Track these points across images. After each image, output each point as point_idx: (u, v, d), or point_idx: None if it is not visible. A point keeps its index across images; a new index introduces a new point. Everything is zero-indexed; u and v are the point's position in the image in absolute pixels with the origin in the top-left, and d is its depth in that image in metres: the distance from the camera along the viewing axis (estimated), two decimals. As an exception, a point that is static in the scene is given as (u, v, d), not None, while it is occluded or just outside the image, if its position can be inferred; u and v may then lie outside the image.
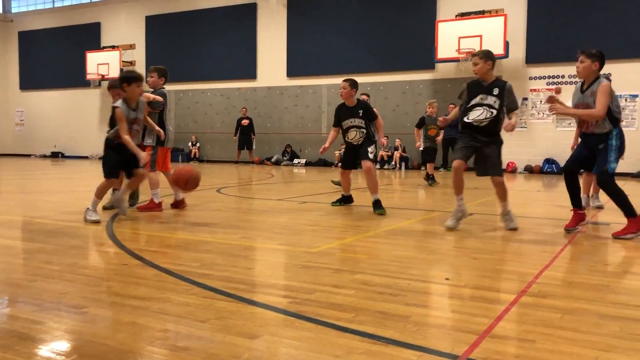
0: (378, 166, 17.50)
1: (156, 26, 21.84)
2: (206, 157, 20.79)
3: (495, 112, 5.02)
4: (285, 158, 19.23)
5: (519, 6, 15.71)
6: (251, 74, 20.06)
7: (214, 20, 20.51)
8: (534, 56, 15.56)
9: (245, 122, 18.79)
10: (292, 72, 19.38)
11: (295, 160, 19.01)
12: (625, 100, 14.28)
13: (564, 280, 3.33)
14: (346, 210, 6.67)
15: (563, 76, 15.34)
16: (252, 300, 2.83)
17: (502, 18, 15.18)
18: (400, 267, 3.61)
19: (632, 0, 14.43)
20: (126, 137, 5.30)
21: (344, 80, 6.48)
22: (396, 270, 3.49)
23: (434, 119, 10.02)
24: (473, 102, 5.15)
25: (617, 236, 4.77)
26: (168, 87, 6.46)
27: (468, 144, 5.12)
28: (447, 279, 3.33)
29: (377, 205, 6.22)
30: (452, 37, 15.71)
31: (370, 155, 6.37)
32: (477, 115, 5.07)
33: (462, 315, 2.62)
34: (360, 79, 18.65)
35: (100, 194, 5.45)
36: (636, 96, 14.35)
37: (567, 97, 5.74)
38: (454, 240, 4.65)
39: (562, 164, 15.23)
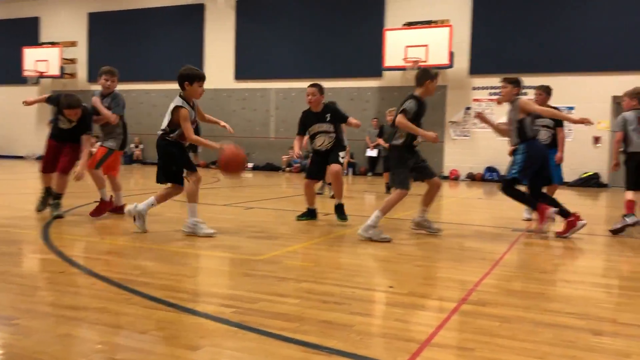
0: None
1: (99, 24, 21.21)
2: (150, 160, 20.33)
3: None
4: (231, 162, 19.02)
5: (464, 18, 16.15)
6: (198, 76, 19.77)
7: (160, 19, 20.11)
8: (477, 67, 16.01)
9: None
10: (240, 75, 19.22)
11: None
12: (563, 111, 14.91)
13: (502, 288, 3.42)
14: (293, 216, 6.64)
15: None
16: (194, 310, 2.77)
17: (448, 29, 15.56)
18: (346, 274, 3.63)
19: (572, 17, 15.08)
20: (195, 137, 5.05)
21: (311, 86, 6.13)
22: (341, 278, 3.51)
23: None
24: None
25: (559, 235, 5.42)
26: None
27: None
28: (390, 287, 3.37)
29: (340, 210, 6.05)
30: (399, 46, 15.97)
31: (341, 160, 6.12)
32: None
33: (404, 324, 2.65)
34: (308, 84, 18.72)
35: (162, 199, 5.20)
36: (573, 108, 14.98)
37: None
38: (399, 247, 4.71)
39: (502, 172, 15.76)
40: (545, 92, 7.03)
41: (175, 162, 5.07)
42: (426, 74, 5.25)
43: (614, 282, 3.78)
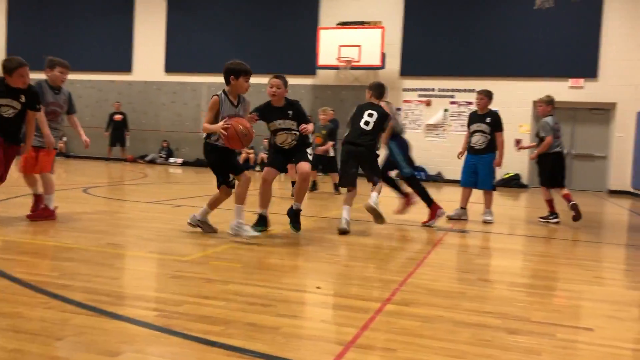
0: (258, 168, 17.48)
1: (20, 8, 20.11)
2: (73, 153, 19.50)
3: None
4: (161, 156, 18.57)
5: (395, 20, 16.48)
6: (126, 67, 19.15)
7: (88, 7, 19.31)
8: (408, 69, 16.40)
9: (118, 117, 17.91)
10: (170, 68, 18.78)
11: (172, 159, 18.44)
12: (486, 115, 15.52)
13: (425, 287, 3.53)
14: (225, 215, 6.56)
15: (434, 89, 16.33)
16: (116, 314, 2.69)
17: (380, 30, 15.83)
18: (274, 275, 3.63)
19: (496, 26, 15.72)
20: (206, 126, 4.77)
21: (275, 77, 5.50)
22: (269, 279, 3.51)
23: (324, 126, 10.06)
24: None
25: (424, 224, 6.19)
26: (31, 76, 5.91)
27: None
28: (318, 287, 3.41)
29: (296, 217, 5.42)
30: (333, 45, 16.10)
31: (309, 157, 5.68)
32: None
33: (330, 325, 2.69)
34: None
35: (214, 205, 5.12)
36: (496, 111, 15.61)
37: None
38: (328, 247, 4.76)
39: (430, 171, 16.24)
40: (486, 96, 7.18)
41: (214, 167, 5.03)
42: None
43: (529, 282, 3.98)
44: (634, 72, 14.64)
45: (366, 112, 5.72)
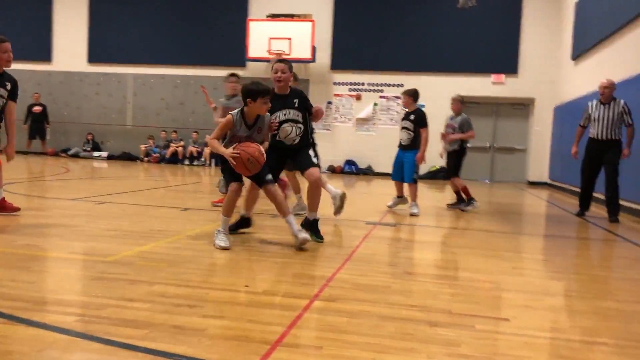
0: (187, 162, 17.15)
1: None
2: (-11, 146, 18.43)
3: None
4: (86, 149, 17.85)
5: (326, 14, 16.56)
6: (45, 57, 18.26)
7: (2, -8, 18.23)
8: (338, 63, 16.55)
9: (37, 108, 17.06)
10: (94, 58, 18.06)
11: (96, 153, 17.77)
12: (414, 109, 15.91)
13: (353, 282, 3.59)
14: (152, 212, 6.41)
15: (363, 84, 16.56)
16: (32, 321, 2.57)
17: (310, 24, 15.86)
18: (202, 275, 3.59)
19: (423, 22, 16.10)
20: (211, 141, 4.52)
21: (280, 62, 5.00)
22: (197, 279, 3.46)
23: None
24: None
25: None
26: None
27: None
28: (246, 286, 3.39)
29: (315, 228, 5.05)
30: (263, 37, 15.99)
31: (315, 160, 5.03)
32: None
33: (257, 325, 2.69)
34: (169, 71, 18.11)
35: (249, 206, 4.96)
36: (423, 106, 16.01)
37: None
38: (259, 244, 4.74)
39: (360, 165, 16.47)
40: (411, 95, 7.59)
41: (225, 172, 4.73)
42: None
43: (452, 274, 4.13)
44: (551, 69, 15.42)
45: None
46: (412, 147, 7.42)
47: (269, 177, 4.63)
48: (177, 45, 17.47)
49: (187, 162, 17.15)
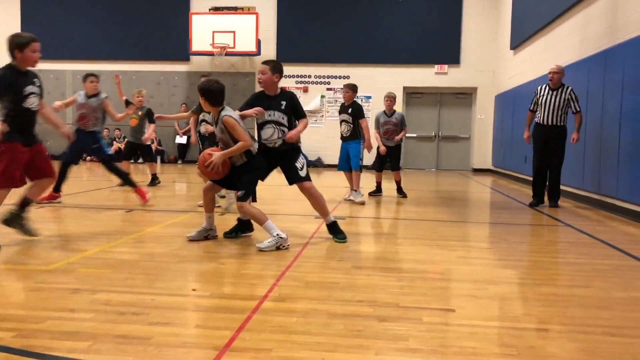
0: (132, 160, 16.70)
1: None
2: None
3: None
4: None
5: (269, 6, 16.42)
6: (-23, 54, 17.41)
7: None
8: (284, 55, 16.43)
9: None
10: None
11: (36, 153, 17.09)
12: (361, 100, 15.99)
13: (302, 280, 3.58)
14: (95, 215, 6.21)
15: (310, 76, 16.54)
16: (-34, 340, 2.45)
17: (254, 16, 15.70)
18: (147, 280, 3.50)
19: (367, 14, 16.19)
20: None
21: (263, 63, 4.91)
22: (141, 285, 3.38)
23: (140, 108, 9.78)
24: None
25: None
26: None
27: None
28: (193, 290, 3.34)
29: (335, 229, 5.02)
30: (206, 31, 15.73)
31: (302, 173, 5.01)
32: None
33: (205, 330, 2.65)
34: (110, 66, 17.56)
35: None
36: (370, 97, 16.17)
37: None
38: (205, 245, 4.67)
39: (310, 157, 16.48)
40: (351, 89, 7.87)
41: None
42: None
43: (399, 266, 4.17)
44: (491, 59, 15.82)
45: None
46: (353, 137, 7.84)
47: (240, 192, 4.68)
48: (118, 40, 16.97)
49: (132, 160, 16.70)
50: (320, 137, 16.43)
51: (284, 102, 4.93)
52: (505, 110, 14.00)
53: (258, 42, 15.76)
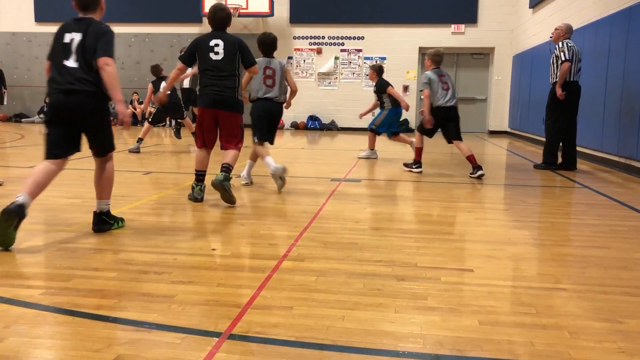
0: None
1: None
2: (-64, 113, 17.63)
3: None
4: (41, 116, 17.23)
5: (282, -35, 16.12)
6: (-10, 17, 17.37)
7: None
8: (297, 16, 16.22)
9: (-13, 72, 16.29)
10: (41, 17, 17.24)
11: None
12: (376, 61, 15.79)
13: (320, 240, 3.62)
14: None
15: (324, 37, 16.32)
16: (-4, 297, 2.53)
17: (267, -24, 15.44)
18: (167, 240, 3.55)
19: (381, -30, 15.84)
20: None
21: None
22: (163, 245, 3.43)
23: None
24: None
25: None
26: None
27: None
28: (213, 249, 3.39)
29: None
30: (219, -8, 15.50)
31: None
32: None
33: (227, 289, 2.70)
34: (123, 29, 17.43)
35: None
36: (385, 58, 15.95)
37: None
38: (224, 207, 4.71)
39: (324, 120, 16.41)
40: (375, 71, 8.50)
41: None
42: None
43: (416, 227, 4.20)
44: (509, 18, 15.47)
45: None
46: (381, 108, 8.62)
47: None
48: (130, 2, 16.81)
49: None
50: (335, 100, 16.32)
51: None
52: (523, 71, 13.76)
53: (271, 3, 15.53)
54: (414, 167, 7.23)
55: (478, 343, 2.12)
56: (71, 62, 3.58)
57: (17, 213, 3.23)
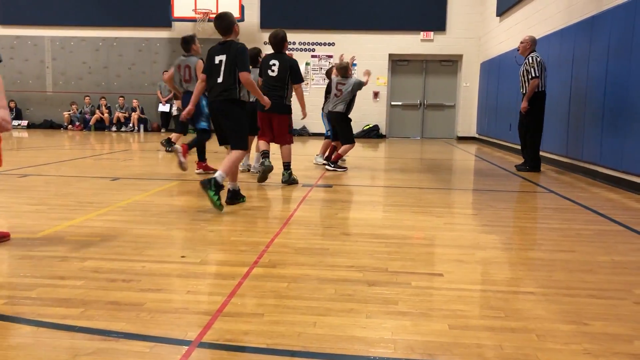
0: (114, 129, 16.53)
1: None
2: None
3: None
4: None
5: (252, -29, 16.10)
6: (-49, 19, 16.90)
7: None
8: (268, 21, 16.20)
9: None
10: (5, 19, 16.86)
11: (15, 122, 16.78)
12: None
13: (292, 246, 3.61)
14: (80, 183, 6.16)
15: (294, 43, 16.33)
16: (-44, 307, 2.44)
17: (237, -19, 15.39)
18: (136, 247, 3.50)
19: (351, -23, 15.96)
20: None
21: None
22: (131, 252, 3.37)
23: None
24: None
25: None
26: None
27: None
28: (183, 256, 3.34)
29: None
30: (188, -4, 15.42)
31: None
32: None
33: (197, 296, 2.66)
34: (90, 33, 17.16)
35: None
36: (355, 65, 16.03)
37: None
38: (192, 213, 4.66)
39: (295, 126, 16.39)
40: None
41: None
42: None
43: (387, 232, 4.21)
44: (477, 26, 15.75)
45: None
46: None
47: None
48: (97, 5, 16.56)
49: (114, 128, 16.53)
50: (306, 105, 16.32)
51: None
52: (490, 78, 14.00)
53: (241, 8, 15.49)
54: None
55: (448, 347, 2.14)
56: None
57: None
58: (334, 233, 4.07)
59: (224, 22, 4.83)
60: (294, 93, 6.46)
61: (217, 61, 4.84)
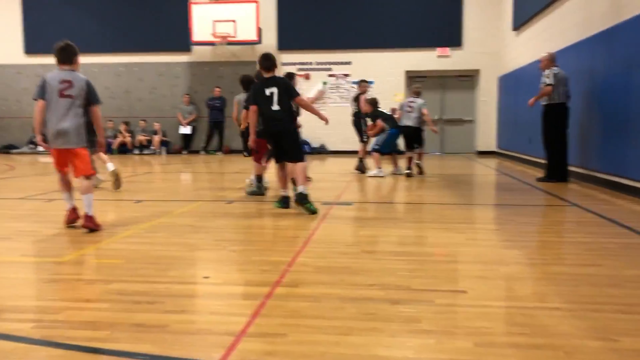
0: (137, 151, 16.77)
1: None
2: None
3: None
4: (31, 146, 17.17)
5: (269, -6, 16.34)
6: (-22, 49, 17.40)
7: None
8: (285, 43, 16.39)
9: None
10: (31, 49, 17.31)
11: (40, 148, 17.11)
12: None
13: (313, 265, 3.61)
14: (105, 206, 6.26)
15: (311, 63, 16.48)
16: (-14, 332, 2.49)
17: (255, 5, 15.63)
18: (159, 269, 3.53)
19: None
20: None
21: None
22: (155, 274, 3.41)
23: None
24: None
25: None
26: None
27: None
28: (206, 277, 3.37)
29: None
30: (207, 20, 15.67)
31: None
32: None
33: (220, 317, 2.68)
34: (112, 59, 17.50)
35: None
36: (372, 82, 16.13)
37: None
38: (215, 233, 4.71)
39: (314, 144, 16.48)
40: (370, 104, 9.81)
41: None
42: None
43: (409, 249, 4.20)
44: (493, 40, 15.72)
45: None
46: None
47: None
48: (118, 32, 16.93)
49: (136, 151, 16.77)
50: (323, 124, 16.39)
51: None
52: (508, 92, 13.93)
53: (259, 31, 15.71)
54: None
55: (473, 365, 2.12)
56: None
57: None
58: (355, 251, 4.07)
59: (270, 62, 5.94)
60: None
61: (268, 93, 5.73)
